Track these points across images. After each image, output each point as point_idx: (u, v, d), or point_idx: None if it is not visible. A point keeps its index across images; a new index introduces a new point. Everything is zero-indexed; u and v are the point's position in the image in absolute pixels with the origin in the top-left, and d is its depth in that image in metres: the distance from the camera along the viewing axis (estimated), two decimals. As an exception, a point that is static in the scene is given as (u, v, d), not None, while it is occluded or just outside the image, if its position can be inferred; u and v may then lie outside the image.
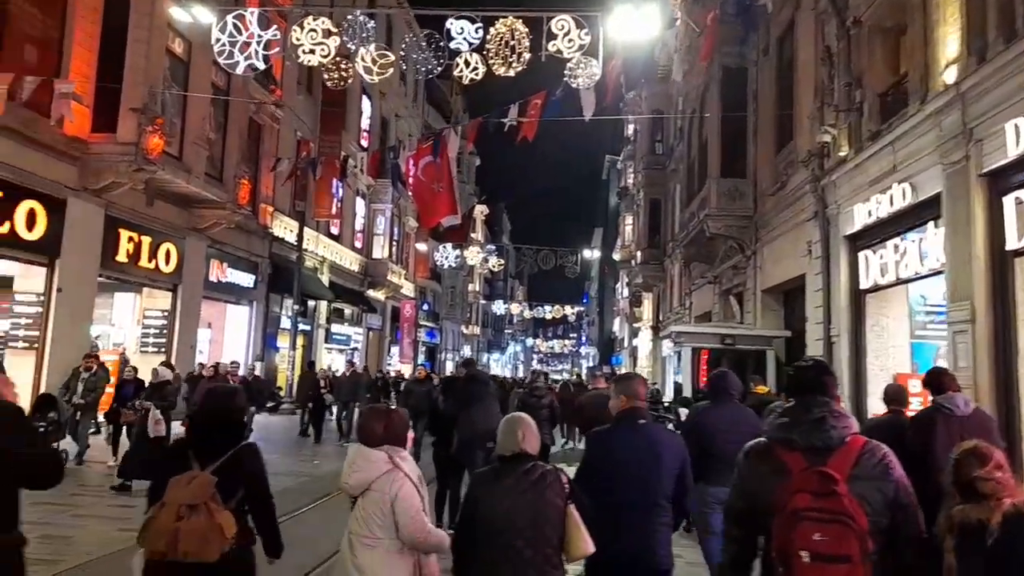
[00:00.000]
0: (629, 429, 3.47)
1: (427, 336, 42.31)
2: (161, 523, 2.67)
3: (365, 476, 3.10)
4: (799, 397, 2.36)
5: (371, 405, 3.58)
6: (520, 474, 2.89)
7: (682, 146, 23.80)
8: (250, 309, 20.21)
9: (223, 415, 3.01)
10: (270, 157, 20.78)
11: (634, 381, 3.71)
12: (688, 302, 23.00)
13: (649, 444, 3.44)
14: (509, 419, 3.16)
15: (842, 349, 10.32)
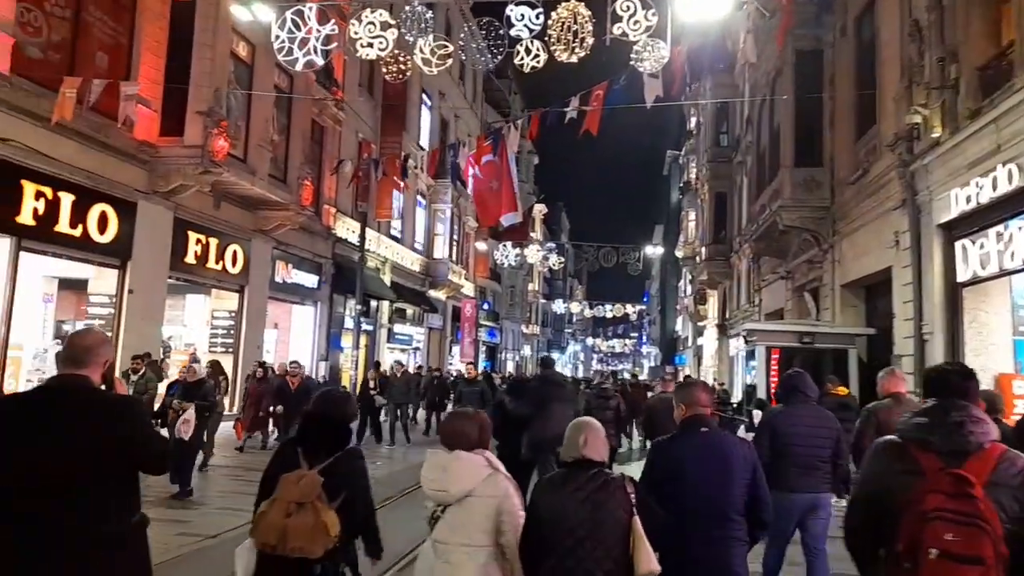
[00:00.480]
0: (692, 437, 3.33)
1: (487, 336, 42.26)
2: (271, 518, 2.83)
3: (467, 483, 2.96)
4: (939, 399, 2.37)
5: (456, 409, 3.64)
6: (582, 482, 2.79)
7: (750, 136, 22.92)
8: (314, 309, 20.41)
9: (335, 419, 3.13)
10: (332, 159, 20.96)
11: (694, 388, 3.57)
12: (757, 299, 22.12)
13: (714, 453, 3.28)
14: (574, 423, 3.04)
15: (936, 347, 9.54)
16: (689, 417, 3.43)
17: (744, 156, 24.96)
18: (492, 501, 2.94)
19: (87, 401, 2.52)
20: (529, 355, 57.85)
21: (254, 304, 17.00)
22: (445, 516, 2.98)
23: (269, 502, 2.92)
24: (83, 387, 2.54)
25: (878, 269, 11.63)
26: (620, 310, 51.49)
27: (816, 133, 14.50)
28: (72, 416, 2.46)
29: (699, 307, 36.44)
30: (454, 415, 3.31)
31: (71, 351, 2.61)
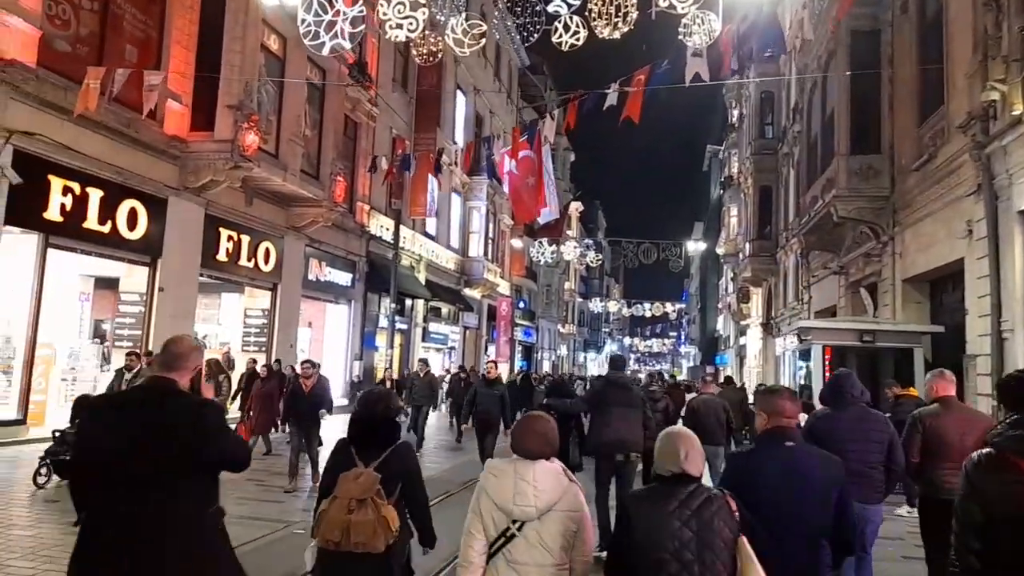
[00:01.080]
0: (773, 452, 3.04)
1: (523, 335, 41.71)
2: (333, 515, 2.91)
3: (552, 496, 2.73)
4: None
5: (531, 412, 3.10)
6: (682, 499, 2.56)
7: (798, 126, 21.94)
8: (348, 308, 20.11)
9: (380, 416, 3.19)
10: (366, 155, 20.62)
11: (777, 396, 3.20)
12: (806, 296, 21.15)
13: (797, 469, 2.99)
14: (670, 434, 2.75)
15: (1016, 346, 8.68)
16: (771, 429, 3.12)
17: (791, 147, 23.96)
18: (573, 516, 2.74)
19: (172, 402, 2.73)
20: (565, 355, 57.16)
21: (287, 302, 16.73)
22: (523, 534, 2.71)
23: (329, 500, 2.98)
24: (171, 389, 2.76)
25: (947, 261, 10.75)
26: (659, 308, 50.43)
27: (873, 118, 13.60)
28: (157, 415, 2.66)
29: (742, 305, 35.36)
30: (532, 418, 2.97)
31: (164, 356, 2.84)
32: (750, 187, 28.02)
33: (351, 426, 3.29)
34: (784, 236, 24.90)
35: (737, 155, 36.76)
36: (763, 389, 3.85)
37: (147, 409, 2.69)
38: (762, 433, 3.17)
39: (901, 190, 12.71)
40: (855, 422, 4.41)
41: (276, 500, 8.13)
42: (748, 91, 28.80)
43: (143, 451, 2.58)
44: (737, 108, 37.44)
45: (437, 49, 9.59)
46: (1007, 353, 8.81)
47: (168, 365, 2.81)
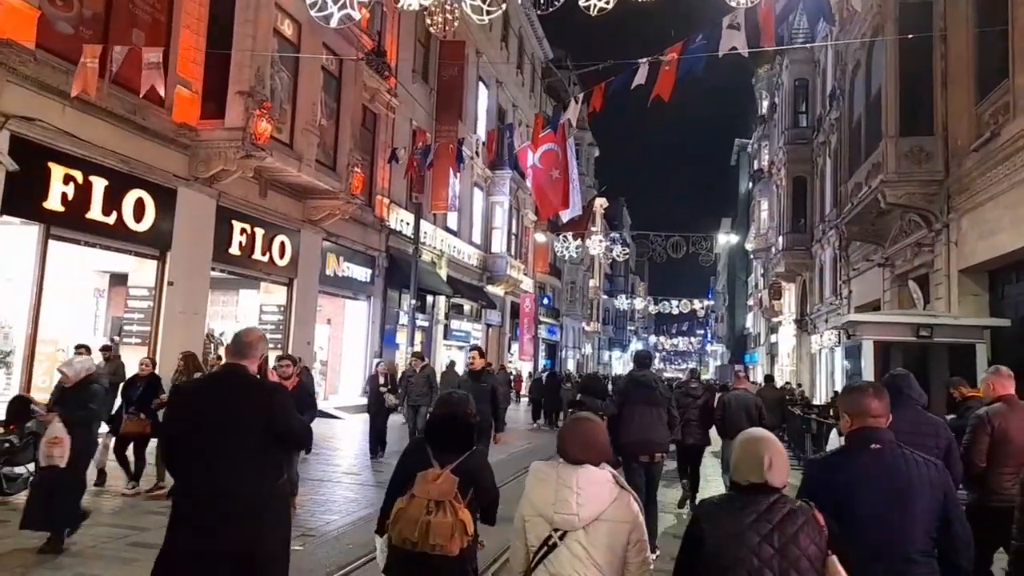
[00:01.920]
0: (860, 456, 2.70)
1: (547, 332, 40.96)
2: (412, 514, 2.86)
3: (598, 504, 2.54)
4: None
5: (577, 413, 2.95)
6: (763, 511, 2.30)
7: (835, 113, 20.94)
8: (367, 304, 19.54)
9: (460, 418, 3.18)
10: (385, 147, 20.07)
11: (862, 393, 2.84)
12: (846, 291, 20.14)
13: (891, 476, 2.63)
14: (752, 440, 2.41)
15: (1101, 340, 7.77)
16: (857, 431, 2.76)
17: (827, 136, 22.93)
18: (623, 527, 2.53)
19: (244, 386, 3.10)
20: (590, 353, 56.29)
21: (303, 298, 16.18)
22: (566, 544, 2.51)
23: (406, 499, 2.92)
24: (242, 374, 3.11)
25: (1013, 249, 9.81)
26: (687, 305, 49.34)
27: (924, 97, 12.65)
28: (232, 397, 3.03)
29: (774, 302, 34.27)
30: (579, 421, 2.76)
31: (236, 345, 3.18)
32: (783, 178, 26.99)
33: (430, 426, 3.25)
34: (820, 228, 23.87)
35: (768, 147, 35.65)
36: (845, 387, 3.31)
37: (224, 392, 3.09)
38: (849, 435, 2.81)
39: (957, 174, 11.76)
40: (909, 425, 3.91)
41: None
42: (780, 79, 27.75)
43: (224, 428, 2.97)
44: (768, 98, 36.34)
45: (453, 18, 8.88)
46: (1089, 348, 7.90)
47: (240, 353, 3.15)
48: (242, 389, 3.08)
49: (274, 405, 3.12)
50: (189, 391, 3.57)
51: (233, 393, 3.07)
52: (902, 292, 15.05)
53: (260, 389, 3.18)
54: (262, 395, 3.14)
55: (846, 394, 2.94)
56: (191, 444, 3.04)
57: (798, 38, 26.52)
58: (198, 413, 3.07)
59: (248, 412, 3.02)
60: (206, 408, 3.06)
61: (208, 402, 3.09)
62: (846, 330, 11.33)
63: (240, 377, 3.12)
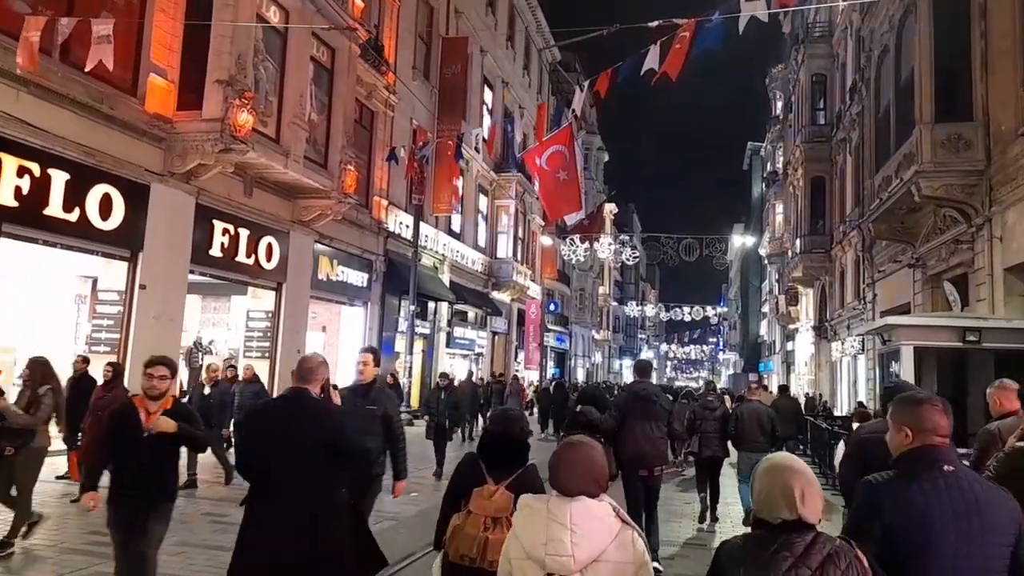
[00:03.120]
0: (933, 480, 2.24)
1: (556, 341, 39.90)
2: (470, 531, 2.83)
3: (597, 543, 2.18)
4: None
5: (572, 436, 2.56)
6: (799, 555, 1.92)
7: (857, 107, 19.88)
8: (364, 311, 18.57)
9: (515, 435, 3.12)
10: (384, 147, 19.16)
11: (926, 406, 2.40)
12: (870, 295, 19.00)
13: (965, 504, 2.21)
14: (777, 468, 2.04)
15: None
16: (920, 449, 2.36)
17: (848, 132, 21.85)
18: (627, 569, 2.19)
19: (309, 408, 3.50)
20: (600, 362, 55.15)
21: (293, 303, 15.23)
22: None
23: (463, 516, 2.88)
24: (307, 398, 3.52)
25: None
26: (699, 312, 48.16)
27: (962, 81, 11.61)
28: (299, 419, 3.40)
29: (790, 308, 33.09)
30: (572, 446, 2.41)
31: (301, 371, 3.58)
32: (800, 179, 25.88)
33: (484, 442, 3.18)
34: (841, 230, 22.74)
35: (783, 148, 34.57)
36: (901, 397, 2.70)
37: (290, 414, 3.45)
38: (907, 454, 2.39)
39: (1001, 162, 10.68)
40: None
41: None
42: (797, 75, 26.70)
43: (290, 447, 3.32)
44: (782, 99, 35.31)
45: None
46: None
47: (304, 378, 3.52)
48: (307, 411, 3.44)
49: (335, 425, 3.50)
50: (262, 413, 3.87)
51: (299, 415, 3.41)
52: (936, 294, 13.96)
53: (321, 410, 3.61)
54: (323, 416, 3.54)
55: (908, 406, 2.46)
56: (266, 463, 3.33)
57: (815, 35, 25.53)
58: (270, 434, 3.37)
59: (312, 432, 3.33)
60: (274, 428, 3.37)
61: (276, 423, 3.43)
62: (881, 335, 10.26)
63: (305, 400, 3.49)
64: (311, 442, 3.32)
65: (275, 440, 3.34)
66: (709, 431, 8.86)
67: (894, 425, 2.45)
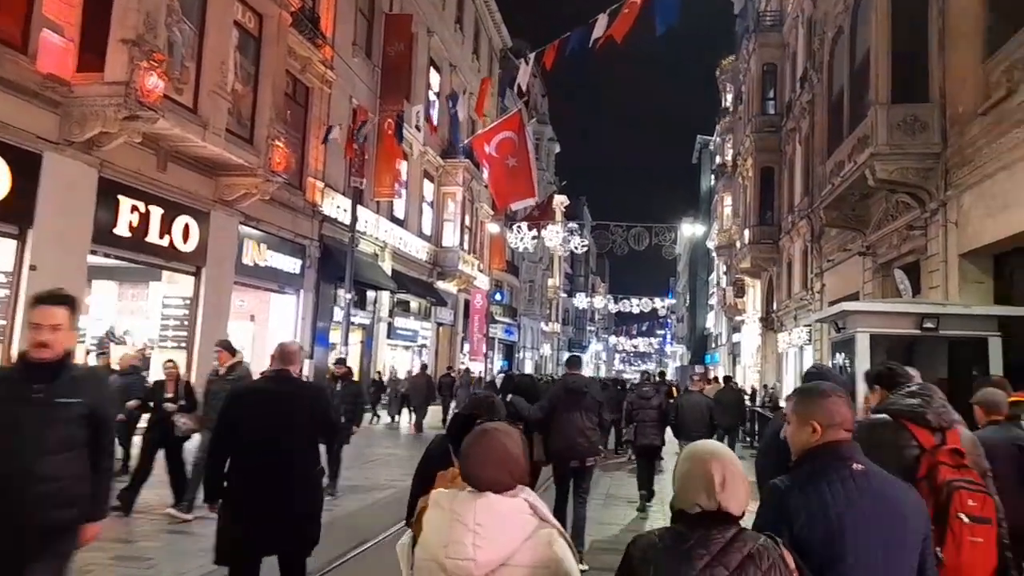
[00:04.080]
0: (842, 479, 2.08)
1: (504, 333, 39.18)
2: None
3: (504, 546, 1.91)
4: (904, 385, 2.93)
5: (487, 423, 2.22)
6: (716, 552, 1.75)
7: (809, 93, 19.61)
8: (297, 299, 17.45)
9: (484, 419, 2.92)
10: (320, 125, 18.05)
11: (829, 398, 2.21)
12: (818, 285, 18.77)
13: (875, 504, 2.05)
14: (697, 452, 1.91)
15: None
16: (826, 446, 2.14)
17: (797, 121, 21.64)
18: (540, 574, 1.91)
19: (295, 387, 3.92)
20: (549, 354, 54.70)
21: (215, 290, 14.06)
22: None
23: (428, 498, 2.67)
24: (291, 378, 3.92)
25: (1034, 226, 8.33)
26: (647, 304, 48.07)
27: (918, 61, 11.22)
28: (286, 396, 3.78)
29: (737, 300, 33.08)
30: (488, 432, 2.08)
31: (283, 355, 3.94)
32: (750, 169, 25.68)
33: (452, 425, 3.15)
34: (789, 220, 22.56)
35: (732, 140, 34.51)
36: (804, 389, 2.49)
37: (279, 392, 3.80)
38: (812, 452, 2.14)
39: (958, 144, 10.30)
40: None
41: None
42: (748, 66, 26.46)
43: (279, 422, 3.69)
44: (732, 90, 35.23)
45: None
46: None
47: (286, 360, 3.91)
48: (293, 389, 3.86)
49: (317, 402, 3.97)
50: (249, 392, 4.18)
51: (286, 393, 3.80)
52: (886, 282, 13.66)
53: (305, 388, 4.14)
54: (307, 394, 3.99)
55: (815, 398, 2.24)
56: (253, 435, 3.68)
57: (766, 24, 25.32)
58: (260, 410, 3.73)
59: (297, 408, 3.76)
60: (264, 406, 3.75)
61: (266, 401, 3.79)
62: (835, 322, 9.79)
63: (290, 380, 3.89)
64: (295, 416, 3.71)
65: (265, 412, 3.69)
66: (646, 420, 9.19)
67: (798, 420, 2.20)
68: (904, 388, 2.89)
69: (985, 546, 2.49)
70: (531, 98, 44.59)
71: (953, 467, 2.54)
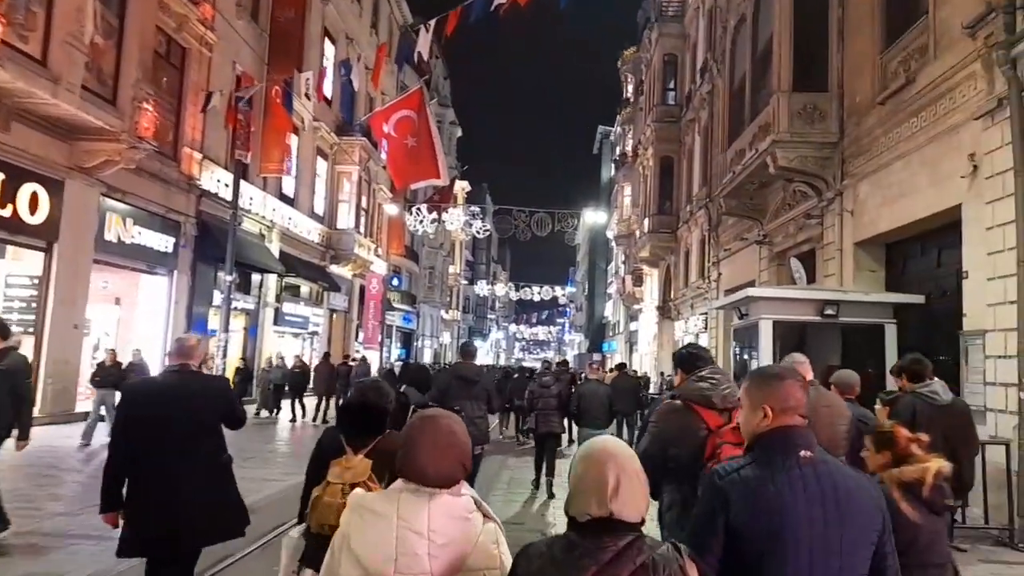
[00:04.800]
0: (789, 468, 1.90)
1: (403, 321, 38.12)
2: (328, 500, 2.78)
3: (459, 552, 1.79)
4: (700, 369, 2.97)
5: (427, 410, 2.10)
6: (606, 562, 1.60)
7: (709, 84, 19.80)
8: (169, 280, 15.89)
9: (375, 406, 3.05)
10: (199, 91, 16.46)
11: (781, 380, 2.04)
12: (715, 273, 19.04)
13: (824, 499, 1.89)
14: (590, 453, 1.73)
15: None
16: (779, 431, 1.96)
17: (697, 112, 21.88)
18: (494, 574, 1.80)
19: (197, 381, 3.83)
20: (449, 342, 54.01)
21: (69, 269, 12.44)
22: None
23: (322, 487, 2.85)
24: (192, 372, 3.80)
25: (930, 213, 8.42)
26: (548, 292, 48.23)
27: (818, 50, 11.29)
28: (192, 391, 3.70)
29: (635, 288, 33.55)
30: (435, 418, 1.95)
31: (181, 349, 3.82)
32: (650, 159, 25.87)
33: (342, 413, 3.07)
34: (688, 210, 22.85)
35: (633, 130, 34.87)
36: (760, 371, 2.21)
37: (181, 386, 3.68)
38: (761, 438, 1.98)
39: (855, 134, 10.41)
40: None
41: None
42: (650, 55, 26.62)
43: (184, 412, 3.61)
44: (633, 81, 35.58)
45: None
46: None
47: (184, 355, 3.78)
48: (196, 383, 3.76)
49: (222, 394, 3.95)
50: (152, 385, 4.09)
51: (189, 387, 3.69)
52: (781, 271, 13.87)
53: (208, 381, 4.10)
54: (211, 387, 3.93)
55: (770, 381, 2.03)
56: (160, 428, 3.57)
57: (668, 15, 25.49)
58: (164, 403, 3.62)
59: (202, 400, 3.71)
60: (168, 398, 3.63)
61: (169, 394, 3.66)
62: (738, 308, 9.66)
63: (191, 374, 3.77)
64: (195, 408, 3.66)
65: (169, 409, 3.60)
66: (546, 408, 9.25)
67: (750, 404, 2.04)
68: (697, 372, 2.95)
69: None
70: (432, 79, 43.51)
71: (735, 444, 2.57)
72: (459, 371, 6.72)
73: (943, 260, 8.87)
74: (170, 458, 3.52)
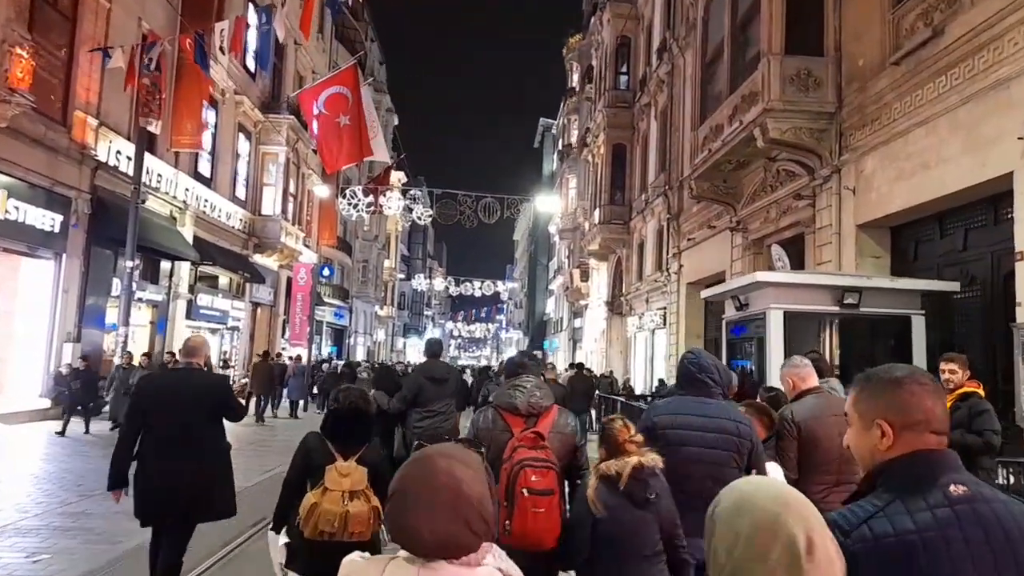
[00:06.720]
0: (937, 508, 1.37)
1: (334, 316, 35.82)
2: (328, 507, 2.87)
3: None
4: (515, 377, 3.20)
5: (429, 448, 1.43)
6: None
7: (667, 65, 18.57)
8: (56, 265, 13.51)
9: (364, 412, 3.18)
10: (94, 45, 14.11)
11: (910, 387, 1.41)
12: (675, 265, 17.81)
13: (987, 541, 1.36)
14: (759, 502, 1.16)
15: None
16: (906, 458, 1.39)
17: (653, 96, 20.65)
18: None
19: (202, 378, 4.28)
20: (383, 340, 51.72)
21: (-84, 247, 10.09)
22: None
23: (318, 493, 2.89)
24: (198, 370, 4.25)
25: (965, 186, 7.20)
26: (490, 287, 46.62)
27: (813, 12, 10.05)
28: (195, 386, 4.13)
29: (581, 284, 32.30)
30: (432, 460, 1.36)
31: (189, 348, 4.27)
32: (601, 147, 24.56)
33: (329, 420, 3.16)
34: (643, 199, 21.61)
35: (578, 120, 33.61)
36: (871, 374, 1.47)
37: (187, 382, 4.14)
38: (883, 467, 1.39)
39: (858, 102, 9.18)
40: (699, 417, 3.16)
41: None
42: (601, 37, 25.33)
43: (188, 404, 4.01)
44: (579, 70, 34.33)
45: None
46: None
47: (192, 354, 4.21)
48: (200, 380, 4.21)
49: (222, 390, 4.27)
50: (160, 380, 4.67)
51: (194, 383, 4.14)
52: (758, 260, 12.67)
53: (211, 379, 4.55)
54: (213, 383, 4.34)
55: (873, 387, 1.43)
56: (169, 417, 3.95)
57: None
58: (172, 395, 4.04)
59: (205, 395, 4.08)
60: (177, 392, 4.05)
61: (178, 389, 4.09)
62: (736, 297, 8.29)
63: (196, 371, 4.22)
64: (202, 401, 4.03)
65: (178, 400, 3.99)
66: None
67: (860, 421, 1.42)
68: (513, 380, 3.19)
69: (546, 514, 2.82)
70: (368, 62, 41.25)
71: (529, 447, 2.89)
72: (429, 371, 6.30)
73: (971, 242, 7.71)
74: (174, 443, 3.92)
